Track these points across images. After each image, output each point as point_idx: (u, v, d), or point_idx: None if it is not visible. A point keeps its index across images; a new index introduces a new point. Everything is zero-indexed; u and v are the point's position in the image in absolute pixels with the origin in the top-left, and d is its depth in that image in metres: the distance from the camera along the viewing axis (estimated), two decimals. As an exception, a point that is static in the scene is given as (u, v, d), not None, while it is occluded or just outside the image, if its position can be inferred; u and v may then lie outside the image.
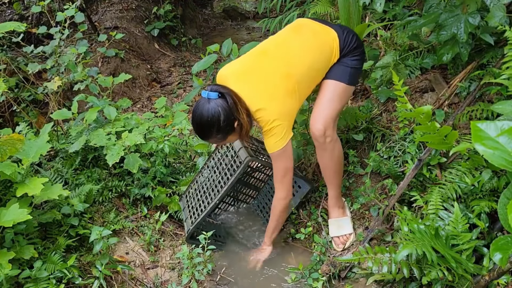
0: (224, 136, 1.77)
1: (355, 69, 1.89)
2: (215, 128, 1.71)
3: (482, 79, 2.02)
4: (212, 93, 1.69)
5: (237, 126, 1.75)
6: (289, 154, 1.84)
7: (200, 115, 1.70)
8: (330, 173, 2.04)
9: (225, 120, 1.69)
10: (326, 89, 1.90)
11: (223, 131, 1.73)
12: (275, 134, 1.76)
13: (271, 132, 1.76)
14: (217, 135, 1.75)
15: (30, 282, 1.76)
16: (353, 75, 1.90)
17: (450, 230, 1.62)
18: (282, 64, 1.80)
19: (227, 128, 1.73)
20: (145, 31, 4.86)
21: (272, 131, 1.75)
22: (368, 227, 2.08)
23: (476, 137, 1.16)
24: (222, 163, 2.23)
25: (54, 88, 2.63)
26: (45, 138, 2.04)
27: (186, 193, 2.42)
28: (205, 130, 1.74)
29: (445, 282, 1.56)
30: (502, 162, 1.11)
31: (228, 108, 1.69)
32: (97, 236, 1.86)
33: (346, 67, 1.88)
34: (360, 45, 1.91)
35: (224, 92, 1.70)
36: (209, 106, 1.68)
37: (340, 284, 1.95)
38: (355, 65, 1.89)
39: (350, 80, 1.89)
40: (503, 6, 1.84)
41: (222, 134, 1.75)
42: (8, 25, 2.24)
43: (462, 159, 1.86)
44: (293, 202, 2.33)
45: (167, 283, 2.06)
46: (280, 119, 1.74)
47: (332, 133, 1.91)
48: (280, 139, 1.76)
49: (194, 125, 1.76)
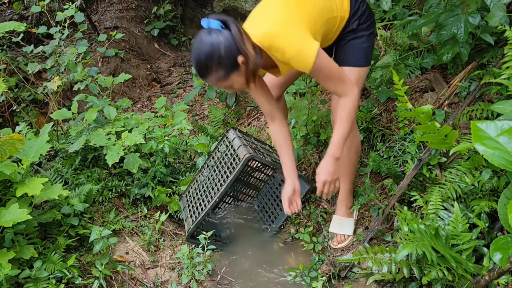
0: (227, 73, 1.52)
1: (368, 47, 1.77)
2: (215, 61, 1.48)
3: (482, 79, 2.02)
4: (213, 21, 1.48)
5: (242, 63, 1.50)
6: (327, 59, 1.59)
7: (199, 47, 1.49)
8: (346, 165, 1.98)
9: (228, 52, 1.46)
10: None
11: (225, 66, 1.49)
12: (294, 49, 1.52)
13: (289, 50, 1.52)
14: (218, 71, 1.51)
15: (30, 282, 1.76)
16: (368, 54, 1.79)
17: (450, 230, 1.62)
18: None
19: (229, 63, 1.49)
20: (145, 31, 4.86)
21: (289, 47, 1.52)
22: (368, 227, 2.08)
23: (476, 137, 1.16)
24: (222, 162, 2.23)
25: (54, 88, 2.63)
26: (45, 138, 2.04)
27: (186, 192, 2.43)
28: (204, 65, 1.51)
29: (445, 282, 1.56)
30: (502, 162, 1.11)
31: (231, 38, 1.46)
32: (97, 236, 1.86)
33: (360, 47, 1.76)
34: (371, 15, 1.77)
35: (227, 20, 1.48)
36: (210, 37, 1.47)
37: (340, 284, 1.95)
38: (370, 42, 1.77)
39: (367, 60, 1.79)
40: (503, 5, 1.84)
41: (224, 70, 1.51)
42: (8, 25, 2.24)
43: (462, 159, 1.86)
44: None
45: (167, 283, 2.06)
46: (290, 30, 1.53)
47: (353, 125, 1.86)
48: (305, 52, 1.52)
49: (193, 60, 1.54)
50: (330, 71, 1.62)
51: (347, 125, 1.68)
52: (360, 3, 1.74)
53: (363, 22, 1.75)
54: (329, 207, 2.30)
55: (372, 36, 1.80)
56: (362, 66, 1.79)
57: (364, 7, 1.75)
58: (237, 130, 2.31)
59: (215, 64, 1.49)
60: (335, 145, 1.71)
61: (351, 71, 1.77)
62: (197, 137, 2.84)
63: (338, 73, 1.64)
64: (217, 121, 3.20)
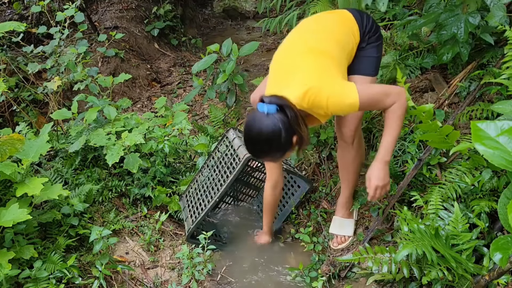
0: (283, 153, 1.57)
1: (378, 57, 1.81)
2: (275, 146, 1.52)
3: (482, 79, 2.02)
4: (271, 106, 1.48)
5: (296, 141, 1.55)
6: (365, 91, 1.58)
7: (259, 132, 1.50)
8: (349, 173, 2.01)
9: (286, 136, 1.50)
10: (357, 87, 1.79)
11: (283, 148, 1.54)
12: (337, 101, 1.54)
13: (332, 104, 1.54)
14: (276, 153, 1.57)
15: (30, 282, 1.76)
16: (378, 64, 1.83)
17: (450, 230, 1.61)
18: (300, 47, 1.66)
19: (287, 145, 1.53)
20: (145, 31, 4.86)
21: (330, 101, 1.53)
22: (368, 227, 2.08)
23: (476, 137, 1.16)
24: (222, 162, 2.23)
25: (54, 88, 2.63)
26: (45, 138, 2.04)
27: (186, 192, 2.43)
28: (264, 149, 1.55)
29: (445, 282, 1.56)
30: (502, 162, 1.11)
31: (288, 123, 1.49)
32: (97, 236, 1.86)
33: (370, 57, 1.79)
34: (378, 28, 1.81)
35: (284, 104, 1.50)
36: (269, 122, 1.48)
37: (340, 284, 1.95)
38: (378, 53, 1.81)
39: (376, 70, 1.82)
40: (503, 5, 1.84)
41: (281, 152, 1.56)
42: (8, 25, 2.24)
43: (462, 159, 1.86)
44: (293, 202, 2.33)
45: (167, 283, 2.06)
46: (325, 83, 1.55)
47: (360, 132, 1.89)
48: (347, 99, 1.54)
49: (250, 142, 1.56)
50: (374, 97, 1.61)
51: (398, 130, 1.67)
52: (366, 22, 1.78)
53: (372, 35, 1.79)
54: (329, 207, 2.30)
55: (381, 47, 1.84)
56: (372, 76, 1.82)
57: (370, 23, 1.79)
58: (237, 130, 2.32)
59: (274, 148, 1.54)
60: (386, 149, 1.69)
61: (361, 79, 1.79)
62: (197, 137, 2.84)
63: (380, 92, 1.62)
64: (217, 121, 3.20)
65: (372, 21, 1.80)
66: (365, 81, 1.80)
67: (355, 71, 1.80)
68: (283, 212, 2.37)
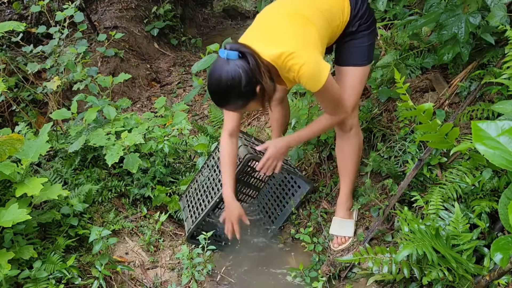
0: (245, 103, 1.56)
1: (370, 44, 1.80)
2: (235, 93, 1.50)
3: (482, 79, 2.02)
4: (232, 52, 1.47)
5: (259, 91, 1.53)
6: (334, 83, 1.65)
7: (218, 78, 1.49)
8: (347, 165, 2.00)
9: (247, 84, 1.48)
10: (346, 77, 1.81)
11: (244, 96, 1.53)
12: (308, 72, 1.55)
13: (303, 72, 1.55)
14: (237, 101, 1.55)
15: (29, 282, 1.75)
16: (370, 51, 1.81)
17: (450, 230, 1.61)
18: (288, 7, 1.65)
19: (248, 93, 1.52)
20: (145, 31, 4.86)
21: (303, 69, 1.54)
22: (369, 227, 2.08)
23: (477, 137, 1.15)
24: None
25: (53, 88, 2.62)
26: (45, 138, 2.04)
27: (186, 192, 2.42)
28: (224, 96, 1.53)
29: (445, 282, 1.56)
30: (502, 162, 1.10)
31: (249, 70, 1.47)
32: (97, 236, 1.86)
33: (362, 47, 1.78)
34: (371, 15, 1.79)
35: (245, 52, 1.48)
36: (229, 68, 1.47)
37: (340, 284, 1.95)
38: (369, 41, 1.79)
39: (368, 59, 1.81)
40: (504, 5, 1.84)
41: (243, 100, 1.55)
42: (7, 24, 2.24)
43: (462, 159, 1.86)
44: (293, 202, 2.33)
45: (167, 283, 2.06)
46: (304, 52, 1.55)
47: (356, 120, 1.90)
48: (317, 75, 1.56)
49: (211, 90, 1.54)
50: (333, 95, 1.68)
51: (316, 133, 1.84)
52: (359, 6, 1.74)
53: (364, 22, 1.76)
54: (329, 207, 2.30)
55: (373, 34, 1.81)
56: (364, 65, 1.80)
57: (364, 8, 1.75)
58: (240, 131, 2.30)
59: (235, 95, 1.52)
60: (297, 135, 1.85)
61: (353, 71, 1.79)
62: (197, 137, 2.83)
63: (339, 98, 1.70)
64: (217, 121, 3.19)
65: (366, 7, 1.76)
66: (357, 72, 1.80)
67: (346, 62, 1.80)
68: (283, 212, 2.36)
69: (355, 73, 1.79)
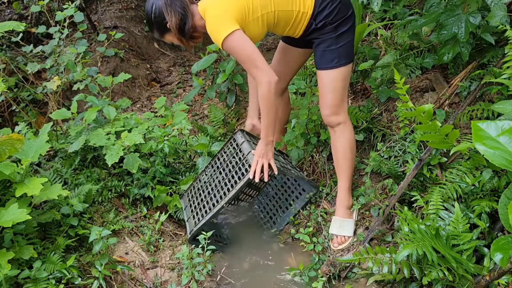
0: (161, 34, 1.88)
1: (341, 47, 1.80)
2: (151, 22, 1.84)
3: (482, 79, 2.02)
4: None
5: (173, 28, 1.80)
6: (241, 43, 1.74)
7: (146, 6, 1.84)
8: (340, 160, 2.03)
9: (156, 17, 1.79)
10: (322, 80, 1.87)
11: (159, 28, 1.84)
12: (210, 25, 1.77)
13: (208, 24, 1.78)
14: (155, 30, 1.87)
15: (29, 282, 1.75)
16: (342, 54, 1.81)
17: (450, 230, 1.61)
18: None
19: (160, 27, 1.83)
20: (145, 31, 4.85)
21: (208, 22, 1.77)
22: (369, 227, 2.08)
23: (477, 136, 1.15)
24: (229, 165, 2.18)
25: (53, 88, 2.62)
26: (45, 138, 2.04)
27: (188, 191, 2.40)
28: (147, 22, 1.90)
29: (445, 282, 1.56)
30: (502, 161, 1.11)
31: (160, 6, 1.77)
32: (97, 236, 1.86)
33: (331, 50, 1.81)
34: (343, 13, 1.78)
35: None
36: (149, 1, 1.81)
37: (340, 284, 1.95)
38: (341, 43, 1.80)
39: (342, 60, 1.82)
40: (504, 5, 1.84)
41: (157, 32, 1.87)
42: (7, 24, 2.24)
43: (462, 159, 1.86)
44: (297, 206, 2.32)
45: (167, 283, 2.06)
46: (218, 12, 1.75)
47: (342, 116, 1.93)
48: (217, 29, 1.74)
49: None
50: (240, 55, 1.76)
51: (266, 112, 1.81)
52: (328, 3, 1.75)
53: (330, 23, 1.78)
54: (329, 207, 2.30)
55: (344, 36, 1.81)
56: (337, 67, 1.82)
57: (333, 7, 1.76)
58: (245, 132, 2.27)
59: (152, 24, 1.85)
60: (264, 131, 1.89)
61: (327, 74, 1.85)
62: (197, 137, 2.83)
63: (249, 58, 1.75)
64: (217, 121, 3.19)
65: (335, 8, 1.76)
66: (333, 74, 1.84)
67: (319, 65, 1.87)
68: (285, 214, 2.35)
69: (331, 75, 1.85)
